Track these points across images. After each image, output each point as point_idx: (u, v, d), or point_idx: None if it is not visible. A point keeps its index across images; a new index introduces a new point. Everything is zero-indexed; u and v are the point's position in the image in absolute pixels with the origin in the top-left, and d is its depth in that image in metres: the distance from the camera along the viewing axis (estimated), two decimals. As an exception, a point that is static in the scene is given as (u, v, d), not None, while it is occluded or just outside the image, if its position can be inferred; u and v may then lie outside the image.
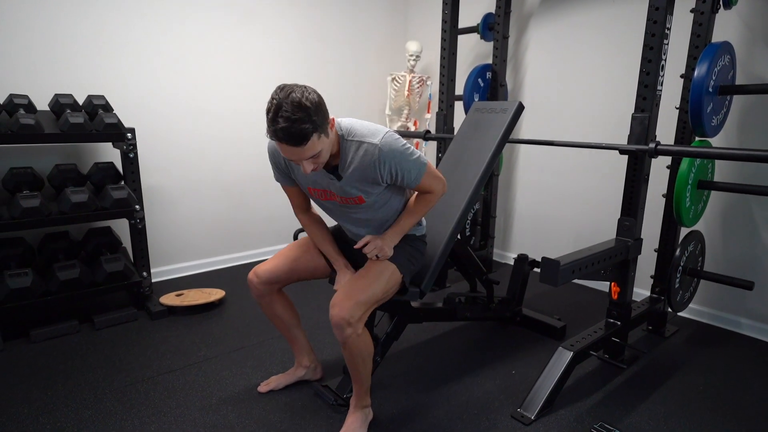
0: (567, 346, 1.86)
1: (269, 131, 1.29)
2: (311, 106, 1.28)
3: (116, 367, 2.03)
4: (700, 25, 2.08)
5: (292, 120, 1.25)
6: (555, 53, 3.07)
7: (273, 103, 1.27)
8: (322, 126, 1.32)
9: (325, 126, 1.34)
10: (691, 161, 2.02)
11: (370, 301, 1.51)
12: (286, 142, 1.28)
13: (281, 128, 1.25)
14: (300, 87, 1.29)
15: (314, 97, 1.31)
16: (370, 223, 1.64)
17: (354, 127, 1.48)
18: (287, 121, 1.25)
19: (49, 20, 2.47)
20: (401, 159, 1.46)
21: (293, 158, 1.34)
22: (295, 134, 1.26)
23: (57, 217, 2.23)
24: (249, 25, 3.17)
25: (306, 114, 1.26)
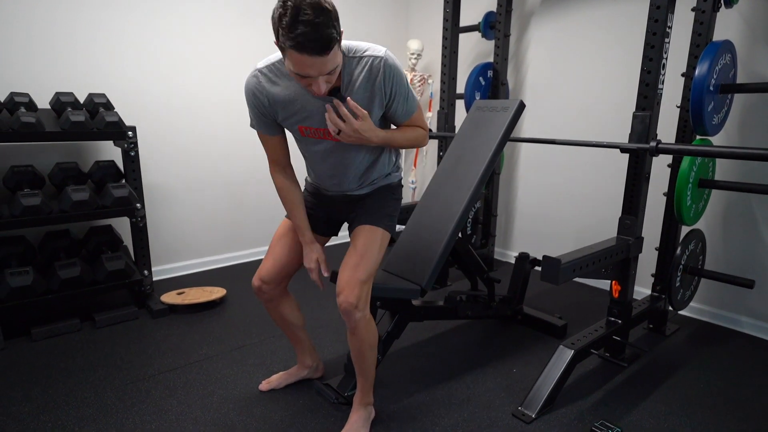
0: (568, 344, 1.86)
1: (288, 39, 1.10)
2: (332, 10, 1.12)
3: (117, 365, 2.03)
4: (701, 23, 2.08)
5: (315, 24, 1.07)
6: (556, 52, 3.07)
7: (287, 6, 1.08)
8: (340, 36, 1.16)
9: (341, 37, 1.18)
10: (692, 160, 2.02)
11: (371, 274, 1.50)
12: (309, 50, 1.10)
13: (303, 33, 1.07)
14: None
15: (332, 0, 1.15)
16: (357, 167, 1.51)
17: (353, 44, 1.34)
18: (309, 25, 1.07)
19: (50, 18, 2.47)
20: (401, 81, 1.36)
21: (312, 73, 1.17)
22: (319, 40, 1.09)
23: (58, 215, 2.23)
24: (250, 23, 3.17)
25: (328, 18, 1.10)
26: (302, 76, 1.19)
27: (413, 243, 1.96)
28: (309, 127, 1.44)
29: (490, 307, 2.29)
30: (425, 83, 3.72)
